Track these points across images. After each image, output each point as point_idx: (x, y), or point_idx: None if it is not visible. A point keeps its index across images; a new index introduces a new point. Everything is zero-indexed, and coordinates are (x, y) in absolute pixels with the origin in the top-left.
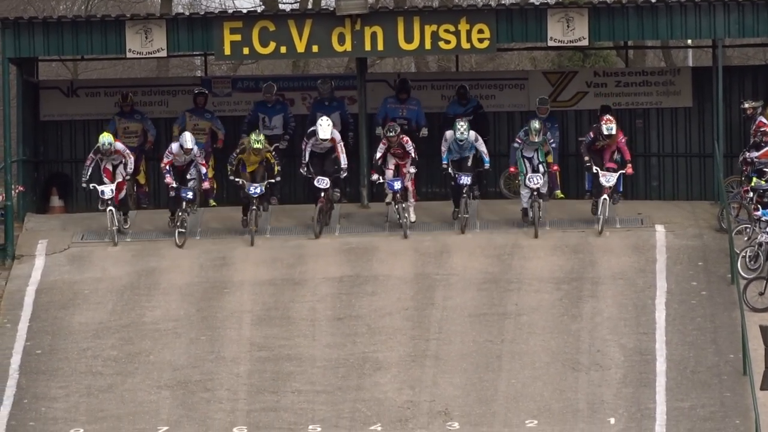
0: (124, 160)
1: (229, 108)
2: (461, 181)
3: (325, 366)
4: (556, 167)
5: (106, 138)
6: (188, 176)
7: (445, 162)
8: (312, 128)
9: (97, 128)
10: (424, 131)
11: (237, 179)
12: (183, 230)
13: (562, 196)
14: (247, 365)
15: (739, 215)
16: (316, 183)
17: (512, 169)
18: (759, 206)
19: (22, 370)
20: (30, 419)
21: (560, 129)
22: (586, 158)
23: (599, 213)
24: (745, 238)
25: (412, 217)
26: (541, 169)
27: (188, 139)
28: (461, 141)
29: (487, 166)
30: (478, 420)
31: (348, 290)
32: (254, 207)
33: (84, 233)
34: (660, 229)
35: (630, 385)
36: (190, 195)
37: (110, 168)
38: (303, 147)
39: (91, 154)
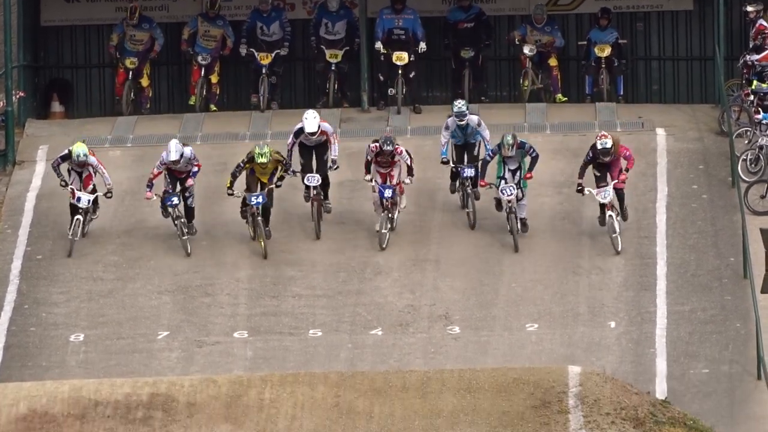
0: (94, 176)
1: (230, 12)
2: (464, 174)
3: (326, 271)
4: (529, 175)
5: (80, 149)
6: (187, 186)
7: (444, 156)
8: (299, 125)
9: (98, 34)
10: (422, 46)
11: (231, 191)
12: (184, 237)
13: (564, 99)
14: (248, 270)
15: (740, 118)
16: (305, 181)
17: (482, 183)
18: (759, 109)
19: (22, 276)
20: (30, 324)
21: (561, 31)
22: (579, 181)
23: (609, 232)
24: (746, 141)
25: (402, 204)
26: (516, 189)
27: (172, 149)
28: (461, 122)
29: (488, 157)
30: (479, 324)
31: (349, 195)
32: (259, 216)
33: (85, 138)
34: (660, 132)
35: (630, 288)
36: (174, 201)
37: (83, 175)
38: (289, 148)
39: (58, 158)
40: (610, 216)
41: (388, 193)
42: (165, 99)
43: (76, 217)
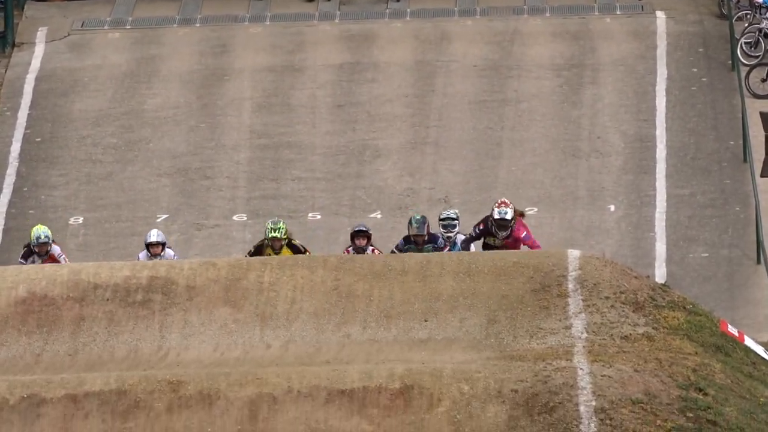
0: None
1: None
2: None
3: (325, 153)
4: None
5: (41, 230)
6: None
7: None
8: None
9: None
10: None
11: None
12: None
13: None
14: (247, 153)
15: (740, 1)
16: None
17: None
18: None
19: (21, 158)
20: (30, 207)
21: None
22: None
23: None
24: (746, 24)
25: None
26: None
27: (154, 233)
28: (449, 234)
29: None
30: (478, 207)
31: (348, 77)
32: None
33: (84, 20)
34: (660, 15)
35: (630, 171)
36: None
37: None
38: None
39: (20, 260)
40: None
41: None
42: None
43: None
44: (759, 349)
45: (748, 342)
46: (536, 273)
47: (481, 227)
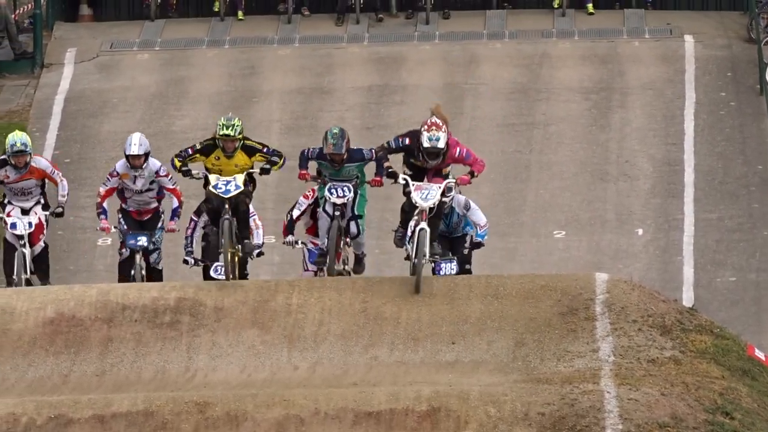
0: (40, 197)
1: None
2: (441, 272)
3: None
4: (377, 179)
5: (18, 137)
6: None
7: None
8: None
9: None
10: None
11: (186, 170)
12: None
13: (592, 12)
14: (275, 175)
15: None
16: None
17: (302, 173)
18: None
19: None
20: (58, 228)
21: None
22: (387, 164)
23: (414, 255)
24: None
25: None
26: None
27: (135, 141)
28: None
29: (480, 239)
30: (506, 230)
31: (377, 100)
32: (227, 218)
33: (113, 42)
34: (689, 39)
35: (658, 195)
36: (142, 241)
37: (21, 205)
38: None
39: None
40: (423, 230)
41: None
42: (193, 2)
43: (16, 254)
44: None
45: None
46: (564, 296)
47: (407, 142)
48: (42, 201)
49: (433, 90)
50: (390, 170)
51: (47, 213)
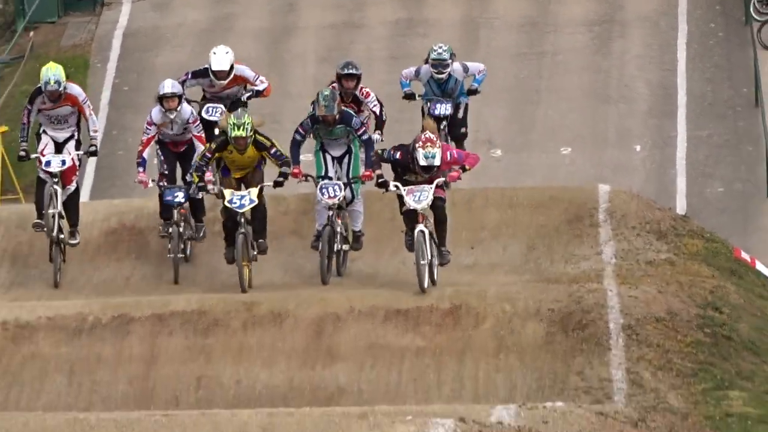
0: (75, 129)
1: None
2: (437, 111)
3: (382, 99)
4: (368, 174)
5: (52, 73)
6: (187, 177)
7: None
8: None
9: None
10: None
11: (203, 186)
12: (181, 256)
13: None
14: (311, 100)
15: None
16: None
17: (295, 171)
18: None
19: (111, 105)
20: (118, 149)
21: None
22: (378, 172)
23: (417, 256)
24: None
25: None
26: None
27: (168, 84)
28: (441, 75)
29: (476, 85)
30: (519, 148)
31: (402, 32)
32: (243, 231)
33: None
34: None
35: (654, 116)
36: (179, 197)
37: (55, 135)
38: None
39: (26, 104)
40: (421, 233)
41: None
42: None
43: (45, 190)
44: None
45: (759, 266)
46: (570, 205)
47: (399, 157)
48: (76, 136)
49: (452, 24)
50: (381, 180)
51: (80, 153)
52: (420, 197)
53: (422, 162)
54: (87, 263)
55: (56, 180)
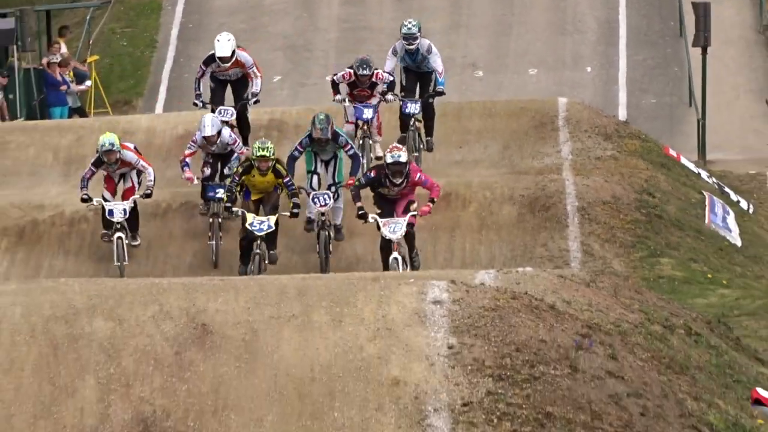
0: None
1: None
2: (407, 110)
3: (389, 33)
4: (351, 181)
5: (107, 138)
6: (226, 170)
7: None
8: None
9: None
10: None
11: (233, 209)
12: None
13: None
14: (336, 33)
15: None
16: (217, 116)
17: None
18: None
19: (179, 38)
20: (184, 72)
21: None
22: (359, 204)
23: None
24: None
25: (378, 152)
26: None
27: (208, 123)
28: (411, 46)
29: (441, 87)
30: (496, 70)
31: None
32: (258, 252)
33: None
34: None
35: (601, 44)
36: (220, 193)
37: (115, 179)
38: (197, 77)
39: (90, 166)
40: (395, 259)
41: (367, 113)
42: None
43: (116, 236)
44: (690, 165)
45: (683, 161)
46: (536, 114)
47: (373, 175)
48: (136, 179)
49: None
50: (361, 212)
51: (137, 196)
52: (395, 228)
53: (389, 160)
54: (161, 162)
55: (119, 227)
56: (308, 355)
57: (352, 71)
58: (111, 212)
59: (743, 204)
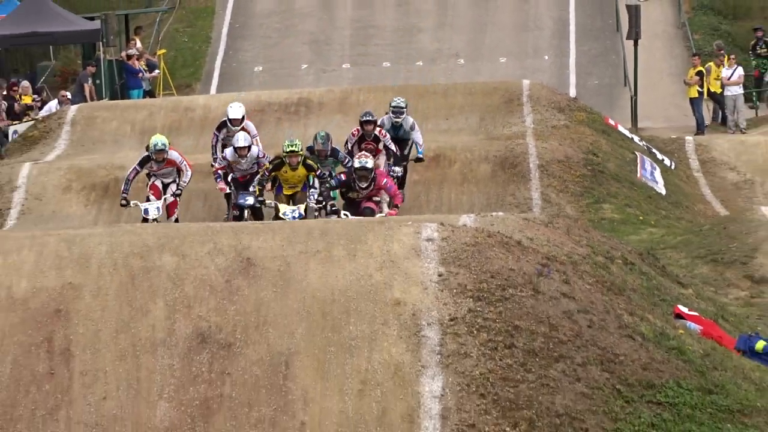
0: (176, 176)
1: None
2: (393, 174)
3: (393, 29)
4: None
5: (159, 139)
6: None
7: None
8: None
9: None
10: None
11: (262, 200)
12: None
13: None
14: (350, 30)
15: None
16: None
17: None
18: None
19: (228, 35)
20: (233, 62)
21: None
22: (331, 201)
23: None
24: None
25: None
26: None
27: (241, 138)
28: (397, 119)
29: (421, 155)
30: (474, 58)
31: None
32: None
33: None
34: None
35: (555, 38)
36: (250, 200)
37: (159, 185)
38: (212, 144)
39: (135, 166)
40: None
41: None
42: None
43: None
44: (625, 132)
45: (620, 128)
46: (506, 93)
47: (343, 178)
48: (177, 181)
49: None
50: (334, 208)
51: (173, 193)
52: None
53: (356, 165)
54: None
55: (155, 221)
56: (329, 281)
57: (357, 128)
58: (147, 211)
59: (666, 162)
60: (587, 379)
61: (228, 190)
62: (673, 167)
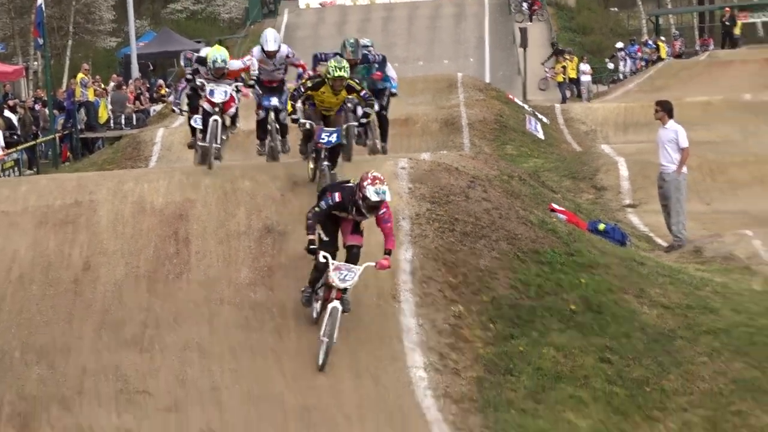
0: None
1: None
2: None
3: (380, 45)
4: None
5: (218, 53)
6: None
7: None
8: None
9: None
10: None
11: (296, 118)
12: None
13: None
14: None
15: None
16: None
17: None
18: None
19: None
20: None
21: None
22: (311, 237)
23: (323, 333)
24: None
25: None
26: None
27: (271, 38)
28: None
29: (394, 89)
30: (428, 60)
31: None
32: (326, 165)
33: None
34: None
35: (477, 48)
36: (274, 101)
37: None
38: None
39: (188, 74)
40: (335, 309)
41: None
42: None
43: (212, 119)
44: (519, 102)
45: (516, 100)
46: (448, 81)
47: (338, 199)
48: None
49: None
50: (312, 247)
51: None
52: (346, 277)
53: (374, 198)
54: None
55: (217, 110)
56: None
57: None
58: (212, 92)
59: (544, 119)
60: (499, 249)
61: (250, 95)
62: (548, 123)
